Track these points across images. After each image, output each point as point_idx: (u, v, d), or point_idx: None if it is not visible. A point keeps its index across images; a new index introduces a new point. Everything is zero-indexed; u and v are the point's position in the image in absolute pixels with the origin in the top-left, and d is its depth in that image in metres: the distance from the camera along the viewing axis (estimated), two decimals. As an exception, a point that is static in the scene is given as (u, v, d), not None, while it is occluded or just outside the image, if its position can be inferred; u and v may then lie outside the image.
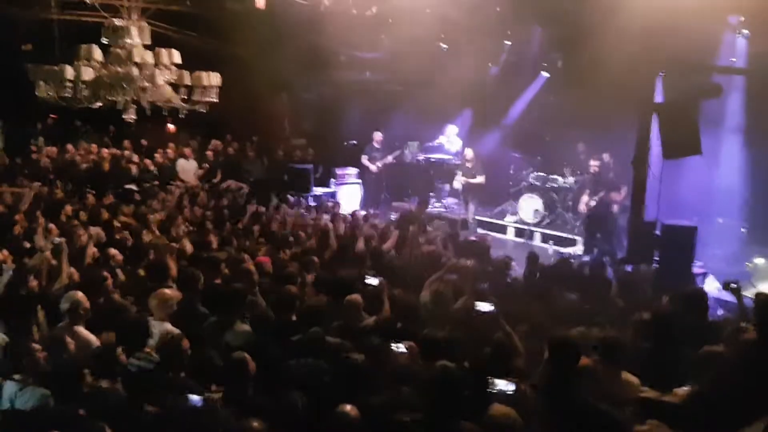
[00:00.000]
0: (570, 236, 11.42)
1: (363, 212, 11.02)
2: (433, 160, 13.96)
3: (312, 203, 12.15)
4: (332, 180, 14.04)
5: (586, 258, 9.42)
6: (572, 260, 9.44)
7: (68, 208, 8.85)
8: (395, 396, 4.06)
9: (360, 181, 13.98)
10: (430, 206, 13.61)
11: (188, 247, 7.52)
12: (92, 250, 6.88)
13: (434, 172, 14.00)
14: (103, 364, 4.02)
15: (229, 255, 7.27)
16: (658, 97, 7.70)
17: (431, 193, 14.19)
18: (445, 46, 12.78)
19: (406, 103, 14.35)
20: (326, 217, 10.28)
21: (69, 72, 7.43)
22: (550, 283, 6.70)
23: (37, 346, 4.20)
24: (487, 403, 3.82)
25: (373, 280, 6.17)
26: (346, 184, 13.97)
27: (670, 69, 7.74)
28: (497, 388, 3.91)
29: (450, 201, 13.75)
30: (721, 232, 10.23)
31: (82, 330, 4.84)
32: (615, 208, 10.40)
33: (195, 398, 3.63)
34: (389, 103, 14.28)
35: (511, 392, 3.89)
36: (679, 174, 9.23)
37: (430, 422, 3.73)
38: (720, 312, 7.20)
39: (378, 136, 13.42)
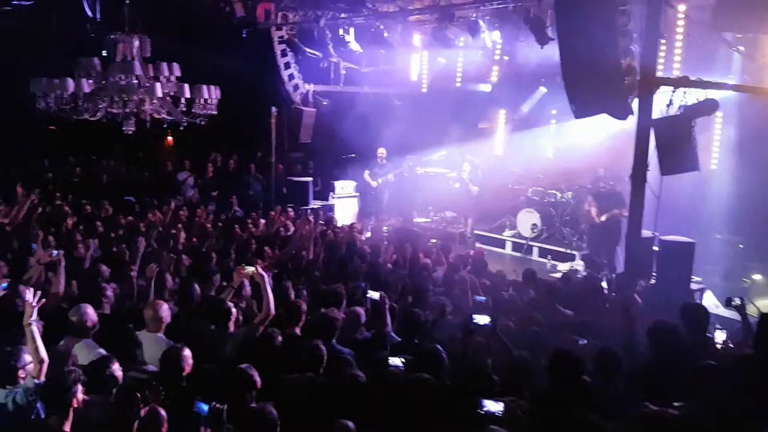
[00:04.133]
0: (568, 251, 11.42)
1: (359, 225, 11.04)
2: (431, 174, 14.03)
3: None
4: (330, 193, 14.06)
5: (584, 272, 9.42)
6: (569, 275, 9.49)
7: (69, 221, 8.84)
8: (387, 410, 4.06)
9: (357, 194, 14.00)
10: (429, 220, 13.68)
11: (185, 259, 7.53)
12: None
13: (432, 185, 14.05)
14: (96, 376, 3.99)
15: (225, 267, 7.27)
16: (656, 113, 7.74)
17: (429, 207, 14.23)
18: (443, 60, 12.85)
19: (404, 117, 14.41)
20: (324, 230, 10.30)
21: (70, 84, 7.46)
22: (547, 299, 6.70)
23: (28, 358, 4.18)
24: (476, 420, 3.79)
25: (374, 294, 6.18)
26: (344, 197, 13.99)
27: (667, 85, 7.79)
28: (485, 408, 3.86)
29: (448, 215, 13.77)
30: (720, 247, 10.24)
31: (90, 343, 4.83)
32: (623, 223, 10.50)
33: (202, 406, 3.61)
34: (387, 117, 14.32)
35: (500, 413, 3.84)
36: (677, 189, 9.25)
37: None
38: (718, 327, 7.18)
39: (382, 152, 13.45)
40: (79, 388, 3.75)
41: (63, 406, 3.71)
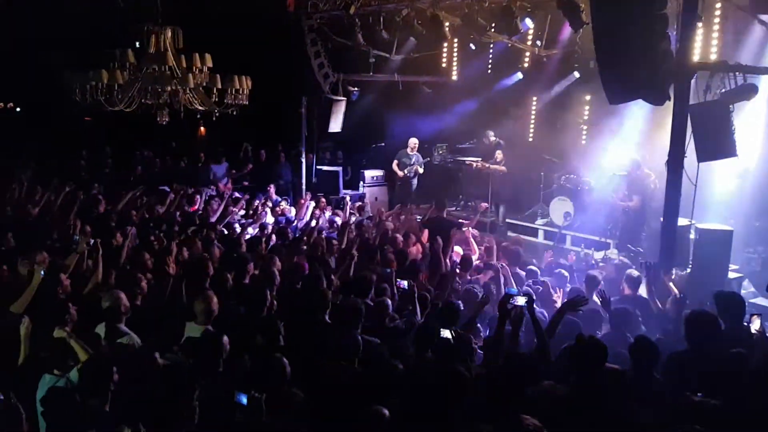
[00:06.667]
0: (602, 239, 11.26)
1: (389, 213, 11.04)
2: (462, 161, 13.96)
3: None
4: (361, 182, 14.08)
5: (618, 261, 9.29)
6: (602, 263, 9.38)
7: (101, 208, 9.02)
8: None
9: (386, 183, 14.00)
10: (459, 208, 13.61)
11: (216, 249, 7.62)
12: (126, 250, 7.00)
13: (463, 174, 13.98)
14: (139, 364, 4.08)
15: (258, 255, 7.35)
16: (693, 99, 7.60)
17: (460, 196, 14.17)
18: (473, 46, 12.75)
19: (435, 105, 14.35)
20: (354, 219, 10.36)
21: (104, 76, 7.58)
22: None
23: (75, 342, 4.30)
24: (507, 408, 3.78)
25: (402, 283, 6.21)
26: (374, 186, 13.99)
27: (704, 70, 7.63)
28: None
29: (479, 203, 13.66)
30: (758, 235, 10.00)
31: (123, 328, 4.94)
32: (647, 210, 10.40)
33: (242, 397, 3.67)
34: (418, 106, 14.28)
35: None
36: (715, 175, 9.07)
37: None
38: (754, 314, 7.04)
39: (413, 142, 13.39)
40: (115, 371, 3.85)
41: (103, 389, 3.80)
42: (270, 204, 11.26)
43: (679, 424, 3.40)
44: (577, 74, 12.44)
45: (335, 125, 13.57)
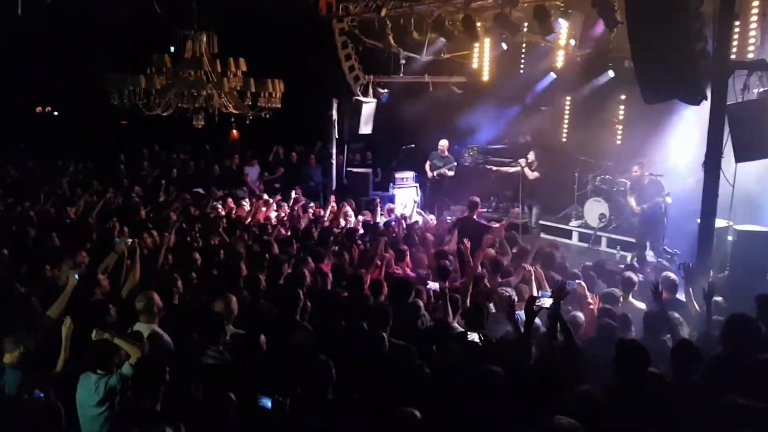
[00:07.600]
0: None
1: (420, 216, 11.04)
2: (492, 162, 13.88)
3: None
4: (390, 184, 14.09)
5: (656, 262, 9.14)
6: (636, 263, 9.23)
7: (142, 212, 9.18)
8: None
9: (417, 184, 13.98)
10: (490, 210, 13.53)
11: (255, 247, 7.71)
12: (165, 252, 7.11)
13: (494, 174, 13.91)
14: (182, 364, 4.15)
15: (291, 257, 7.42)
16: (730, 98, 7.46)
17: (492, 197, 14.09)
18: (505, 46, 12.67)
19: (466, 106, 14.29)
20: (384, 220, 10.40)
21: (142, 81, 7.73)
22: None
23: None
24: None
25: (434, 285, 6.22)
26: (405, 187, 13.98)
27: (742, 68, 7.49)
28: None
29: (513, 206, 13.56)
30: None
31: (157, 329, 5.02)
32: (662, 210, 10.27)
33: (265, 401, 3.71)
34: (448, 106, 14.24)
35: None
36: (754, 176, 8.88)
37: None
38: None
39: (444, 144, 13.36)
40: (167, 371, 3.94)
41: (156, 389, 3.88)
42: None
43: (726, 427, 3.35)
44: (611, 73, 12.29)
45: (366, 127, 13.59)
